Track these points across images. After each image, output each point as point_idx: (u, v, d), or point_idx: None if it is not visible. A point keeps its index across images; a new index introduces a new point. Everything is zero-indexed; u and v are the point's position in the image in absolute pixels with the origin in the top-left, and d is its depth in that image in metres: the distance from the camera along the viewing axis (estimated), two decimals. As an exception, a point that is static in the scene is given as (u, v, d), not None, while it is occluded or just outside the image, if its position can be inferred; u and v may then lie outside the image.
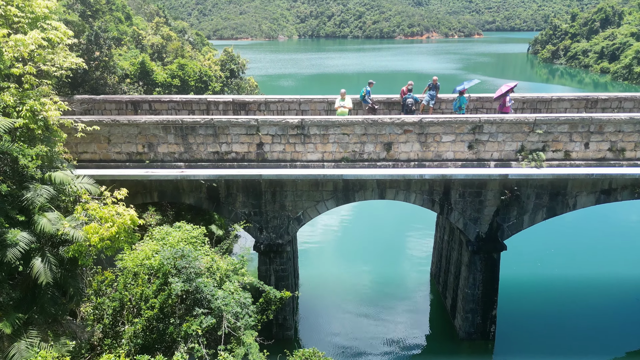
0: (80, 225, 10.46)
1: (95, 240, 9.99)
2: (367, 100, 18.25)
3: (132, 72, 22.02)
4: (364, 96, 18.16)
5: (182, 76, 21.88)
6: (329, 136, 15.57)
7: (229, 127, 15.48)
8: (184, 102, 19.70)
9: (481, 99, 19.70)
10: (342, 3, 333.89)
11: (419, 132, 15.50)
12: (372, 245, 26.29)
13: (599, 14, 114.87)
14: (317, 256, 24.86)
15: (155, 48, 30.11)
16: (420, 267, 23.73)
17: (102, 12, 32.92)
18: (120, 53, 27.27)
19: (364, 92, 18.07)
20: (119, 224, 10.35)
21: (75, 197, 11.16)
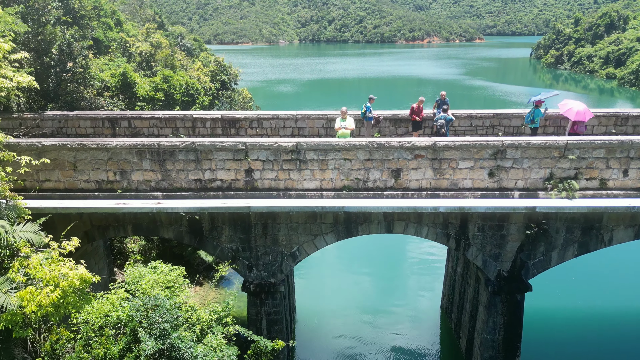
0: (15, 288, 8.41)
1: (31, 309, 7.93)
2: (369, 117, 16.28)
3: (113, 84, 20.02)
4: (364, 113, 16.21)
5: (166, 89, 19.84)
6: (328, 162, 13.53)
7: (213, 152, 13.44)
8: (167, 119, 17.68)
9: (498, 115, 17.67)
10: (342, 7, 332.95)
11: (432, 157, 13.45)
12: (376, 270, 24.19)
13: (603, 18, 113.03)
14: (316, 283, 22.76)
15: (143, 56, 28.13)
16: (429, 298, 21.63)
17: (88, 17, 31.05)
18: (106, 62, 25.29)
19: (364, 108, 16.14)
20: (64, 286, 8.29)
21: (13, 251, 9.11)
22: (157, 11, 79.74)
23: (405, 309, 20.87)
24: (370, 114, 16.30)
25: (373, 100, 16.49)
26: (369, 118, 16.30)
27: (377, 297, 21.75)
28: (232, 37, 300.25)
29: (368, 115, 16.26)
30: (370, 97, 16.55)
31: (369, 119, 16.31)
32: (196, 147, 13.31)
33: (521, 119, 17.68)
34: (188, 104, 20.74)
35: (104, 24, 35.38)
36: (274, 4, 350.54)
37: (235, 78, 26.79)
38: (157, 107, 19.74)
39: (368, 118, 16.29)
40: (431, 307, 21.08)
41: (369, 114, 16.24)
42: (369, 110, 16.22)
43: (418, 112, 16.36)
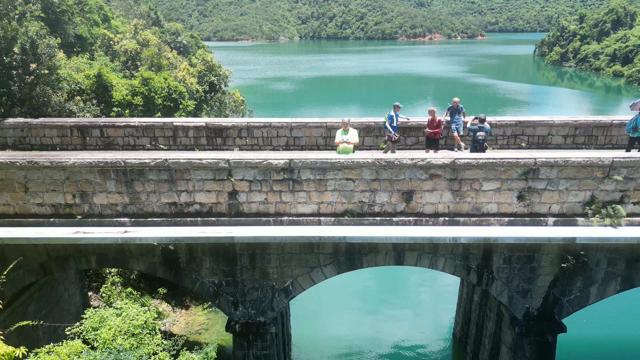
0: None
1: None
2: (394, 129, 14.12)
3: (88, 87, 17.88)
4: (389, 123, 14.05)
5: (146, 93, 17.65)
6: (327, 182, 11.38)
7: (190, 171, 11.29)
8: (144, 127, 15.54)
9: (521, 123, 15.50)
10: (343, 4, 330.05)
11: (450, 177, 11.29)
12: (381, 291, 22.06)
13: (610, 14, 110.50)
14: (313, 308, 20.63)
15: (128, 55, 25.94)
16: (440, 324, 19.50)
17: (70, 13, 28.86)
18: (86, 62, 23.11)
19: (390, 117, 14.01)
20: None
21: None
22: (152, 7, 77.48)
23: (415, 336, 18.75)
24: (395, 125, 14.16)
25: (399, 108, 14.33)
26: (393, 128, 14.16)
27: (383, 322, 19.62)
28: (232, 34, 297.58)
29: (392, 126, 14.10)
30: (396, 105, 14.32)
31: (393, 129, 14.18)
32: (169, 165, 11.16)
33: (547, 127, 15.53)
34: (171, 110, 18.60)
35: (89, 20, 33.20)
36: (274, 1, 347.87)
37: (225, 79, 24.55)
38: (137, 113, 17.62)
39: (393, 128, 14.15)
40: (442, 334, 18.95)
41: (394, 123, 14.07)
42: (390, 119, 14.09)
43: (436, 127, 14.08)
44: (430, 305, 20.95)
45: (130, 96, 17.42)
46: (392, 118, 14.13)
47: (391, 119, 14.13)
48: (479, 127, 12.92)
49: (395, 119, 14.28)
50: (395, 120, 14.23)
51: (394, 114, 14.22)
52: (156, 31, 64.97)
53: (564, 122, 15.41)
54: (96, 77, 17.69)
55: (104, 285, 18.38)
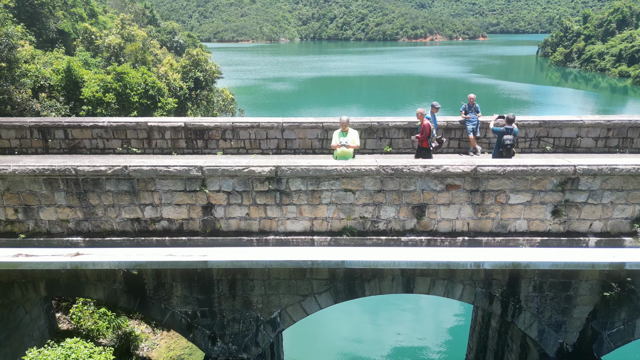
0: None
1: None
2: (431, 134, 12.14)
3: (57, 83, 15.95)
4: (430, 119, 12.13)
5: (119, 89, 15.67)
6: (321, 194, 9.41)
7: (156, 180, 9.33)
8: (114, 128, 13.60)
9: (545, 123, 13.55)
10: (344, 5, 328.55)
11: (471, 188, 9.32)
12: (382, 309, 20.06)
13: (615, 14, 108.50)
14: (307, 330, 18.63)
15: (112, 50, 24.02)
16: (451, 347, 17.50)
17: (51, 6, 26.93)
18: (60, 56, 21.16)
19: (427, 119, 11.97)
20: None
21: None
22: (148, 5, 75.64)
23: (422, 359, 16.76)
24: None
25: (437, 109, 12.38)
26: (473, 128, 12.24)
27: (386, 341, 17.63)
28: (232, 35, 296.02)
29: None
30: (433, 105, 12.35)
31: (472, 128, 12.28)
32: (130, 173, 9.19)
33: (575, 127, 13.57)
34: (148, 108, 16.65)
35: (73, 15, 31.29)
36: (275, 2, 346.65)
37: (212, 75, 22.54)
38: (110, 112, 15.68)
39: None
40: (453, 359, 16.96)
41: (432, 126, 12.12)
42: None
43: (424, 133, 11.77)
44: (440, 325, 18.94)
45: (101, 93, 15.47)
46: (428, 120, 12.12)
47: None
48: (506, 129, 10.90)
49: (433, 122, 12.21)
50: (433, 123, 12.20)
51: (430, 115, 12.19)
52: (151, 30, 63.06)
53: (595, 122, 13.47)
54: (65, 72, 15.76)
55: (74, 305, 16.43)
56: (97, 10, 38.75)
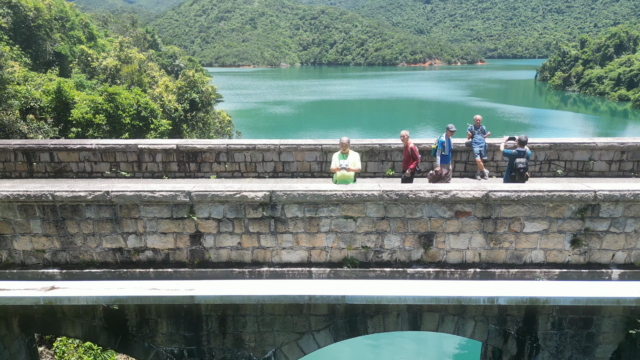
0: None
1: None
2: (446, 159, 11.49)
3: (47, 104, 15.40)
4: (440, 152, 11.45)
5: (110, 110, 15.11)
6: (319, 221, 8.67)
7: (140, 207, 8.59)
8: (102, 151, 12.95)
9: (556, 146, 12.90)
10: (344, 31, 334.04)
11: (482, 215, 8.58)
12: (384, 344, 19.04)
13: (612, 39, 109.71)
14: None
15: (107, 72, 23.63)
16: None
17: (48, 29, 26.71)
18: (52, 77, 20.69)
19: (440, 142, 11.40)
20: None
21: None
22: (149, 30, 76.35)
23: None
24: (448, 154, 11.54)
25: (453, 132, 11.63)
26: (446, 160, 11.49)
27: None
28: (233, 60, 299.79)
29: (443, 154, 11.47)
30: (449, 128, 11.57)
31: (446, 161, 11.48)
32: (112, 199, 8.47)
33: (587, 150, 12.92)
34: (141, 130, 16.08)
35: (72, 37, 31.11)
36: (276, 28, 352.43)
37: (209, 97, 22.03)
38: (100, 134, 15.08)
39: (443, 159, 11.47)
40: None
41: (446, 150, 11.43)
42: (441, 146, 11.40)
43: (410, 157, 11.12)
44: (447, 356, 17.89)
45: (91, 114, 14.89)
46: (442, 144, 11.34)
47: (442, 145, 11.34)
48: (519, 151, 10.20)
49: (448, 146, 11.41)
50: (447, 147, 11.39)
51: (445, 139, 11.41)
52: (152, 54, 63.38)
53: (608, 144, 12.82)
54: (56, 93, 15.23)
55: (58, 338, 15.45)
56: (96, 34, 38.70)
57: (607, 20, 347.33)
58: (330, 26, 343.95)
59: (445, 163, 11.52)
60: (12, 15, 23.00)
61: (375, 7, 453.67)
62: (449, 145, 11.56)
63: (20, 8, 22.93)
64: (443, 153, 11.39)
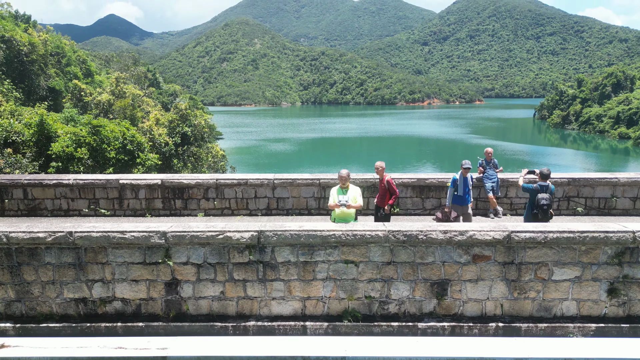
0: None
1: None
2: (460, 200, 10.15)
3: (29, 138, 14.52)
4: (452, 190, 10.21)
5: (94, 144, 14.19)
6: (316, 266, 7.49)
7: (108, 250, 7.44)
8: (81, 187, 11.90)
9: (575, 181, 11.86)
10: (344, 71, 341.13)
11: (504, 259, 7.41)
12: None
13: (609, 78, 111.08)
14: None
15: (101, 107, 22.97)
16: None
17: (42, 64, 26.32)
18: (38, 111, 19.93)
19: (454, 181, 10.16)
20: None
21: None
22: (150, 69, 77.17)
23: None
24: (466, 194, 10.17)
25: (468, 170, 10.19)
26: (457, 200, 10.19)
27: None
28: (235, 99, 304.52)
29: (457, 195, 10.17)
30: (464, 165, 10.15)
31: (466, 201, 10.17)
32: (76, 241, 7.33)
33: (609, 186, 11.86)
34: (126, 165, 15.11)
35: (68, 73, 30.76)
36: (277, 68, 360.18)
37: (202, 130, 21.19)
38: (83, 169, 14.11)
39: (457, 200, 10.17)
40: None
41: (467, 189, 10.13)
42: (453, 185, 10.19)
43: (386, 192, 9.89)
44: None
45: (72, 148, 13.96)
46: (455, 183, 10.10)
47: (454, 184, 10.10)
48: (541, 186, 9.10)
49: (463, 185, 10.06)
50: (461, 187, 10.04)
51: (459, 177, 10.10)
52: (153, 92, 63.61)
53: (631, 180, 11.77)
54: (38, 126, 14.38)
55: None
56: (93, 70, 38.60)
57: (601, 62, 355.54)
58: (330, 67, 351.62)
59: (458, 204, 10.16)
60: (4, 49, 22.56)
61: (374, 49, 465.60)
62: (465, 184, 10.09)
63: (13, 42, 22.45)
64: (456, 193, 10.08)
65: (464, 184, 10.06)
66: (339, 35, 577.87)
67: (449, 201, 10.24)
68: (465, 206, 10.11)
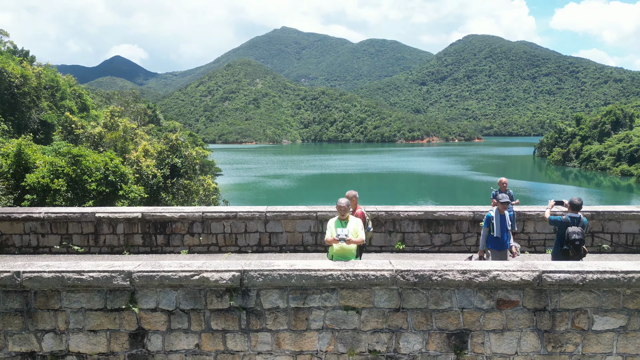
0: None
1: None
2: (497, 243, 8.39)
3: (5, 170, 13.54)
4: (483, 229, 8.56)
5: (73, 175, 13.19)
6: (309, 314, 6.27)
7: (62, 294, 6.25)
8: (53, 221, 10.78)
9: (599, 215, 10.74)
10: (343, 110, 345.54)
11: (534, 306, 6.20)
12: None
13: (608, 116, 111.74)
14: None
15: (92, 140, 22.16)
16: None
17: (35, 96, 25.74)
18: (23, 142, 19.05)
19: (488, 219, 8.47)
20: None
21: None
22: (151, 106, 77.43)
23: None
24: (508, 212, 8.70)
25: (506, 205, 8.52)
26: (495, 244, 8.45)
27: None
28: (236, 137, 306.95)
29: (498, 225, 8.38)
30: (500, 199, 8.56)
31: (495, 245, 8.44)
32: (24, 283, 6.15)
33: (637, 220, 10.71)
34: (108, 197, 14.06)
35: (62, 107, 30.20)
36: (278, 107, 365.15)
37: (193, 161, 20.18)
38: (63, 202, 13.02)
39: (492, 243, 8.45)
40: None
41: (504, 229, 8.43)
42: (487, 222, 8.50)
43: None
44: None
45: (48, 179, 12.93)
46: (490, 221, 8.42)
47: (489, 222, 8.44)
48: (570, 217, 7.91)
49: (501, 224, 8.32)
50: (498, 226, 8.30)
51: (494, 213, 8.40)
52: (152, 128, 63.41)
53: None
54: (15, 157, 13.43)
55: None
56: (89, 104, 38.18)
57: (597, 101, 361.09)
58: (330, 106, 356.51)
59: (496, 249, 8.31)
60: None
61: (373, 89, 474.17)
62: (503, 223, 8.25)
63: (4, 74, 21.87)
64: (492, 234, 8.32)
65: (502, 223, 8.26)
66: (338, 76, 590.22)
67: (483, 244, 8.52)
68: (504, 251, 8.35)
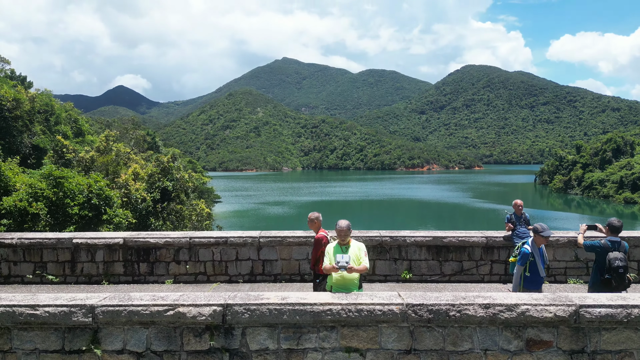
0: None
1: None
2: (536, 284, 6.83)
3: (-16, 191, 12.70)
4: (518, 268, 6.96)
5: (53, 198, 12.29)
6: (305, 356, 5.28)
7: (13, 332, 5.29)
8: (26, 247, 9.86)
9: (633, 239, 9.82)
10: (344, 138, 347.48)
11: (570, 347, 5.22)
12: None
13: (609, 144, 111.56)
14: None
15: (83, 164, 21.40)
16: None
17: (28, 120, 25.14)
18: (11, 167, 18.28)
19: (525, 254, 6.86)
20: None
21: None
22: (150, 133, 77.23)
23: None
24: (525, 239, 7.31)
25: (547, 239, 6.90)
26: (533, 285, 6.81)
27: None
28: (237, 165, 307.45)
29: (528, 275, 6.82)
30: (542, 233, 6.84)
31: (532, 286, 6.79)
32: (-33, 318, 5.20)
33: (666, 247, 9.76)
34: (91, 222, 13.12)
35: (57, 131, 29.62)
36: (279, 135, 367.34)
37: (184, 185, 19.30)
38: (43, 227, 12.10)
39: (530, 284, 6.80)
40: None
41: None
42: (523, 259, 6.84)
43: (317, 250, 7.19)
44: None
45: (26, 202, 12.04)
46: (526, 257, 6.80)
47: (525, 259, 6.80)
48: (610, 241, 6.91)
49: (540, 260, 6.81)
50: (539, 264, 6.76)
51: (532, 247, 6.87)
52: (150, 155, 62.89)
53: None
54: (-6, 178, 12.62)
55: None
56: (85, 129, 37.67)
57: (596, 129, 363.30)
58: (331, 134, 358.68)
59: (535, 289, 6.73)
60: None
61: (372, 117, 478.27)
62: (542, 260, 6.80)
63: (-5, 97, 21.29)
64: (526, 274, 6.77)
65: (541, 260, 6.79)
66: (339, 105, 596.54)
67: (516, 287, 6.88)
68: (540, 290, 6.83)
